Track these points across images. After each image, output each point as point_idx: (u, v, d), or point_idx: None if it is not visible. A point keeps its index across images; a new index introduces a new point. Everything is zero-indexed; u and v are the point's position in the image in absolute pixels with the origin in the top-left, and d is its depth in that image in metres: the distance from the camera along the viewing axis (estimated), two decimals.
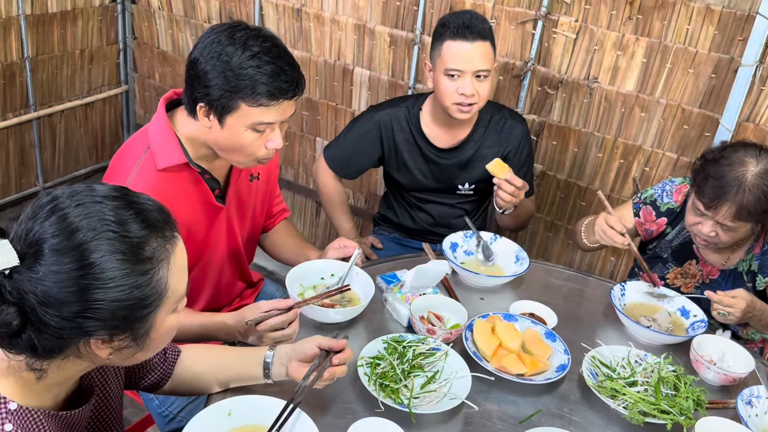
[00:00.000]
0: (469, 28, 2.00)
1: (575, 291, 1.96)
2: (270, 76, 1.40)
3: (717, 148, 1.79)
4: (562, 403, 1.50)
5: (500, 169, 2.02)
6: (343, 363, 1.31)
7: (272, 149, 1.51)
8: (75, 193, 0.92)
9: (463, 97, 2.03)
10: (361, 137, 2.25)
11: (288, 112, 1.48)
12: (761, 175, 1.67)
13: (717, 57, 2.25)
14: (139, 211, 0.94)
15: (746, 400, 1.49)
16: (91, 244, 0.88)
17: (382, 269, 1.86)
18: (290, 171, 3.42)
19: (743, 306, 1.66)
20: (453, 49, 2.01)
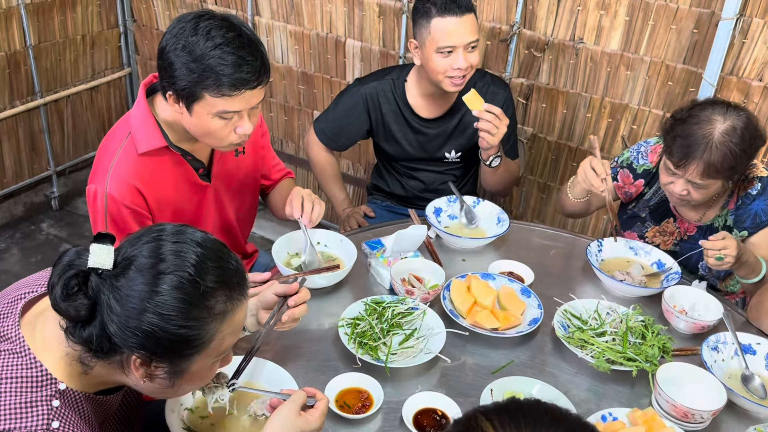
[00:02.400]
0: (455, 2, 2.02)
1: (557, 249, 2.03)
2: (232, 67, 1.43)
3: (685, 107, 1.80)
4: (535, 355, 1.58)
5: (476, 100, 2.05)
6: (299, 304, 1.39)
7: (242, 135, 1.57)
8: (179, 232, 1.04)
9: (458, 71, 2.07)
10: (349, 110, 2.31)
11: (254, 100, 1.52)
12: (728, 132, 1.69)
13: (698, 12, 2.26)
14: (221, 266, 1.04)
15: (712, 345, 1.56)
16: (166, 276, 0.99)
17: (368, 236, 1.95)
18: (291, 145, 3.50)
19: (734, 245, 1.68)
20: (443, 26, 2.03)
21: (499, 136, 2.05)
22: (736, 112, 1.71)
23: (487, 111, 2.02)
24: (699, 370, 1.45)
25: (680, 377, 1.43)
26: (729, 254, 1.69)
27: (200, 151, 1.72)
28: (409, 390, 1.43)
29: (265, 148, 1.98)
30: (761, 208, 1.85)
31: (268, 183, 2.04)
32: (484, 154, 2.14)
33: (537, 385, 1.44)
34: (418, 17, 2.10)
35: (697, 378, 1.43)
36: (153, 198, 1.64)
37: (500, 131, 2.04)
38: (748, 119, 1.71)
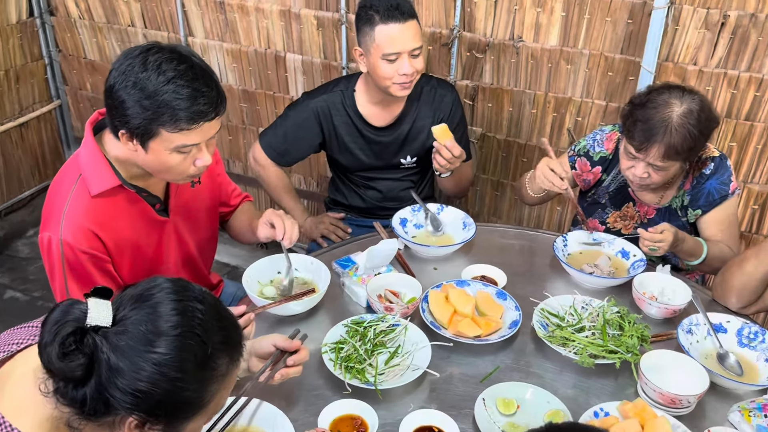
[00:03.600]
0: (398, 9, 2.03)
1: (522, 248, 2.06)
2: (188, 101, 1.39)
3: (643, 93, 1.87)
4: (519, 357, 1.60)
5: (444, 135, 2.08)
6: (297, 364, 1.36)
7: (201, 167, 1.52)
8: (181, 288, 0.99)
9: (404, 77, 2.07)
10: (299, 125, 2.28)
11: (212, 131, 1.48)
12: (685, 114, 1.76)
13: (631, 2, 2.34)
14: (224, 325, 1.00)
15: (686, 329, 1.61)
16: (174, 338, 0.94)
17: (336, 254, 1.92)
18: (238, 164, 3.42)
19: (670, 239, 1.77)
20: (387, 33, 2.03)
21: (452, 168, 2.12)
22: (691, 96, 1.78)
23: (448, 149, 2.05)
24: (679, 355, 1.49)
25: (662, 364, 1.47)
26: (662, 247, 1.78)
27: (155, 186, 1.66)
28: (402, 410, 1.42)
29: (221, 175, 1.93)
30: (714, 187, 1.93)
31: (227, 210, 1.98)
32: (437, 168, 2.16)
33: (529, 389, 1.45)
34: (361, 25, 2.09)
35: (678, 363, 1.47)
36: (111, 240, 1.57)
37: (453, 166, 2.11)
38: (702, 102, 1.79)
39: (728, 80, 2.31)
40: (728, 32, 2.24)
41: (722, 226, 1.95)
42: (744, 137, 2.37)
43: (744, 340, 1.60)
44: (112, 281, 1.60)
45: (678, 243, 1.81)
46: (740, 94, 2.32)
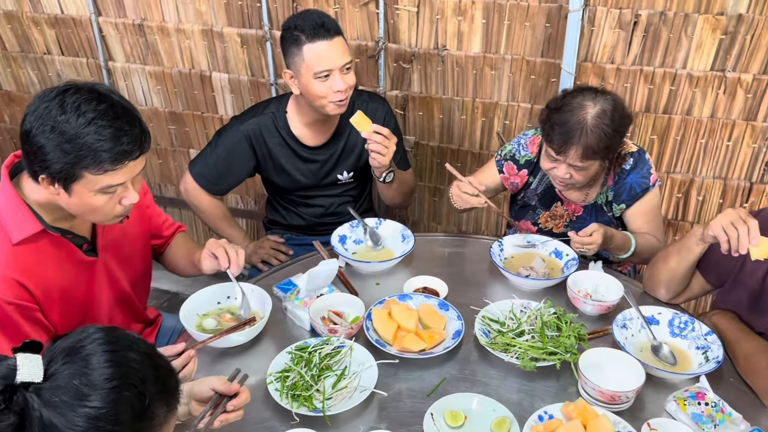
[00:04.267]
0: (324, 27, 2.01)
1: (460, 255, 2.09)
2: (111, 141, 1.35)
3: (558, 97, 1.93)
4: (464, 367, 1.62)
5: (364, 121, 2.06)
6: (238, 408, 1.33)
7: (128, 205, 1.48)
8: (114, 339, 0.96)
9: (339, 93, 2.06)
10: (231, 152, 2.24)
11: (137, 168, 1.44)
12: (599, 115, 1.82)
13: (547, 7, 2.41)
14: (160, 373, 0.98)
15: (621, 324, 1.66)
16: (108, 390, 0.91)
17: (277, 278, 1.90)
18: (170, 188, 3.34)
19: (600, 240, 1.83)
20: (315, 52, 2.01)
21: (389, 155, 2.07)
22: (604, 96, 1.85)
23: (376, 132, 2.03)
24: (615, 351, 1.55)
25: (600, 361, 1.51)
26: (593, 248, 1.84)
27: (80, 227, 1.60)
28: None
29: (151, 206, 1.88)
30: (635, 181, 2.01)
31: (160, 242, 1.94)
32: (377, 171, 2.15)
33: (474, 398, 1.47)
34: (288, 46, 2.07)
35: (614, 359, 1.52)
36: (37, 288, 1.50)
37: (390, 150, 2.06)
38: (615, 101, 1.85)
39: (644, 76, 2.41)
40: (641, 30, 2.34)
41: (647, 217, 2.04)
42: (663, 130, 2.48)
43: (676, 330, 1.67)
44: (42, 329, 1.54)
45: (608, 241, 1.88)
46: (656, 88, 2.42)
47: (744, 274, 1.68)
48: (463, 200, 1.95)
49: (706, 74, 2.34)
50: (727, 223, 1.51)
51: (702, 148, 2.47)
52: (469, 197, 1.94)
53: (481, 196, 1.94)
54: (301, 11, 2.12)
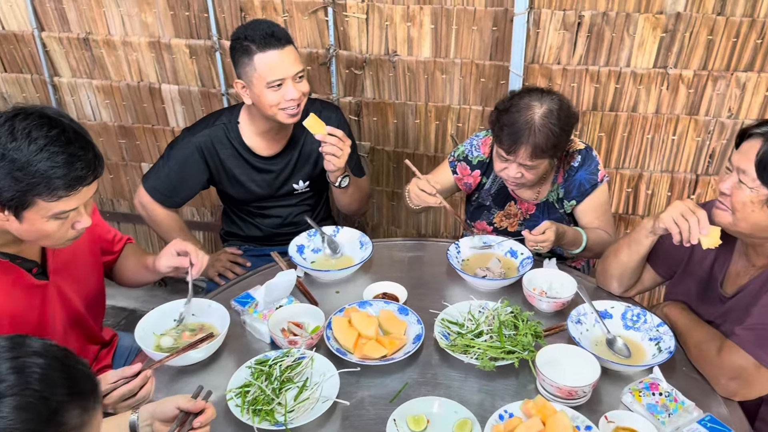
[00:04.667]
0: (274, 36, 2.00)
1: (419, 259, 2.10)
2: (64, 167, 1.33)
3: (506, 98, 1.96)
4: (425, 370, 1.63)
5: (317, 124, 2.06)
6: (204, 425, 1.32)
7: (81, 229, 1.45)
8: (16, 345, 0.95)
9: (291, 102, 2.05)
10: (184, 164, 2.21)
11: (90, 192, 1.42)
12: (546, 115, 1.86)
13: (494, 11, 2.44)
14: (69, 375, 0.96)
15: (575, 319, 1.70)
16: (7, 399, 0.89)
17: (235, 291, 1.88)
18: (123, 203, 3.28)
19: (552, 237, 1.88)
20: (267, 61, 2.00)
21: (344, 157, 2.07)
22: (550, 96, 1.89)
23: (330, 134, 2.03)
24: (571, 346, 1.58)
25: (556, 358, 1.54)
26: (546, 246, 1.89)
27: (29, 250, 1.56)
28: None
29: (99, 225, 1.84)
30: (584, 178, 2.05)
31: (111, 257, 1.90)
32: (332, 176, 2.15)
33: (436, 402, 1.48)
34: (238, 56, 2.05)
35: (571, 354, 1.55)
36: None
37: (345, 152, 2.06)
38: (561, 101, 1.90)
39: (590, 76, 2.47)
40: (585, 31, 2.39)
41: (597, 213, 2.09)
42: (610, 127, 2.55)
43: (629, 322, 1.71)
44: None
45: (560, 238, 1.92)
46: (602, 87, 2.48)
47: (692, 265, 1.73)
48: (421, 199, 1.97)
49: (649, 72, 2.41)
50: (678, 215, 1.56)
51: (648, 143, 2.54)
52: (427, 196, 1.95)
53: (437, 196, 1.96)
54: (250, 21, 2.11)
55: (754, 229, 1.47)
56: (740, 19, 2.25)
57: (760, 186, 1.42)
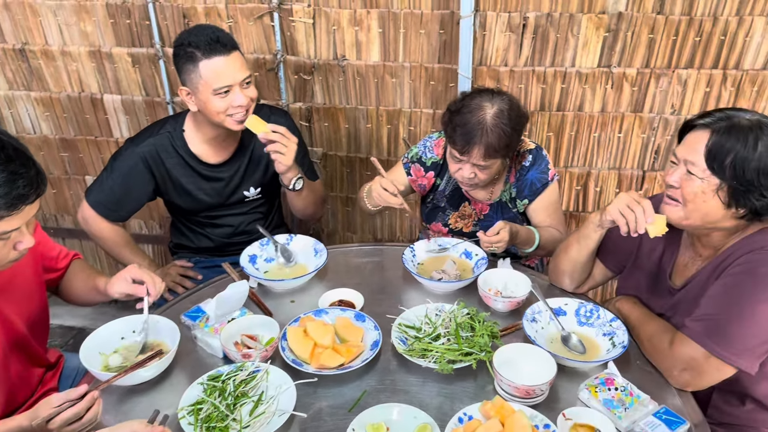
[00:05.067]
0: (219, 42, 1.96)
1: (375, 264, 2.08)
2: (5, 186, 1.28)
3: (458, 100, 1.97)
4: (384, 377, 1.61)
5: (258, 123, 2.02)
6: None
7: (23, 250, 1.39)
8: None
9: (239, 108, 2.00)
10: (128, 176, 2.14)
11: (33, 211, 1.37)
12: (497, 115, 1.88)
13: (440, 14, 2.45)
14: None
15: (530, 318, 1.71)
16: None
17: (185, 306, 1.83)
18: (68, 218, 3.17)
19: (506, 237, 1.89)
20: (213, 68, 1.95)
21: (290, 154, 2.02)
22: (500, 97, 1.91)
23: (273, 131, 1.99)
24: (527, 345, 1.58)
25: (513, 357, 1.54)
26: (501, 246, 1.90)
27: None
28: None
29: (42, 242, 1.76)
30: (535, 177, 2.08)
31: (56, 275, 1.82)
32: (285, 179, 2.11)
33: (395, 408, 1.46)
34: (183, 63, 2.00)
35: (527, 353, 1.56)
36: None
37: (290, 149, 2.01)
38: (511, 101, 1.92)
39: (537, 76, 2.50)
40: (530, 33, 2.42)
41: (548, 211, 2.11)
42: (558, 126, 2.58)
43: (582, 318, 1.73)
44: None
45: (514, 237, 1.93)
46: (549, 87, 2.52)
47: (641, 258, 1.76)
48: (383, 198, 1.95)
49: (593, 71, 2.46)
50: (623, 206, 1.58)
51: (596, 141, 2.59)
52: (389, 196, 1.94)
53: (398, 197, 1.95)
54: (194, 26, 2.06)
55: (706, 219, 1.50)
56: (679, 17, 2.32)
57: (711, 176, 1.46)
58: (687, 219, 1.52)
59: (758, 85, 2.40)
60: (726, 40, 2.34)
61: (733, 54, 2.37)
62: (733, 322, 1.43)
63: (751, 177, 1.41)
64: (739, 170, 1.42)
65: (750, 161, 1.41)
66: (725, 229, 1.53)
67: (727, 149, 1.43)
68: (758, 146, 1.41)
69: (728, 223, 1.50)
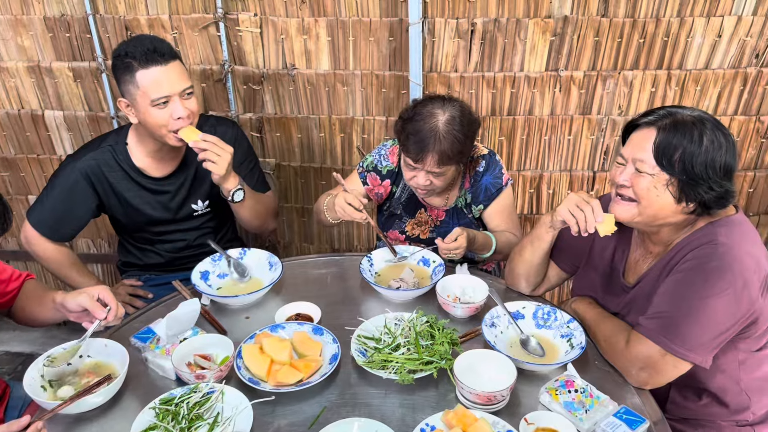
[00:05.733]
0: (157, 52, 1.90)
1: (333, 275, 2.05)
2: None
3: (409, 107, 1.96)
4: (344, 391, 1.57)
5: (191, 132, 1.97)
6: None
7: None
8: None
9: (179, 121, 1.94)
10: (69, 193, 2.06)
11: None
12: (449, 122, 1.87)
13: (389, 21, 2.44)
14: None
15: (489, 323, 1.70)
16: None
17: (134, 327, 1.76)
18: (11, 240, 3.03)
19: (464, 243, 1.88)
20: (150, 78, 1.89)
21: (222, 163, 1.95)
22: (451, 103, 1.91)
23: (204, 140, 1.94)
24: (487, 351, 1.57)
25: (474, 363, 1.53)
26: (459, 253, 1.90)
27: None
28: None
29: None
30: (489, 182, 2.08)
31: (7, 298, 1.74)
32: (224, 190, 2.06)
33: (356, 423, 1.43)
34: (120, 74, 1.94)
35: (487, 359, 1.55)
36: None
37: (223, 158, 1.95)
38: (462, 107, 1.92)
39: (487, 82, 2.51)
40: (478, 38, 2.44)
41: (503, 215, 2.12)
42: (510, 131, 2.60)
43: (540, 321, 1.73)
44: None
45: (471, 243, 1.93)
46: (499, 92, 2.53)
47: (594, 258, 1.78)
48: (347, 213, 1.92)
49: (542, 75, 2.48)
50: (573, 206, 1.60)
51: (546, 144, 2.62)
52: (353, 211, 1.91)
53: (363, 212, 1.92)
54: (132, 37, 2.01)
55: (659, 215, 1.52)
56: (623, 20, 2.36)
57: (660, 171, 1.48)
58: (640, 216, 1.54)
59: (701, 84, 2.47)
60: (669, 41, 2.40)
61: (676, 54, 2.43)
62: (686, 318, 1.46)
63: (699, 171, 1.44)
64: (687, 165, 1.45)
65: (697, 155, 1.44)
66: (675, 225, 1.55)
67: (674, 145, 1.45)
68: (703, 140, 1.45)
69: (678, 218, 1.53)
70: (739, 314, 1.45)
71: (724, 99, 2.50)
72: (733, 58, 2.43)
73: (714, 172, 1.45)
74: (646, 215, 1.53)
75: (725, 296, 1.42)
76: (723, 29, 2.36)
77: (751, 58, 2.43)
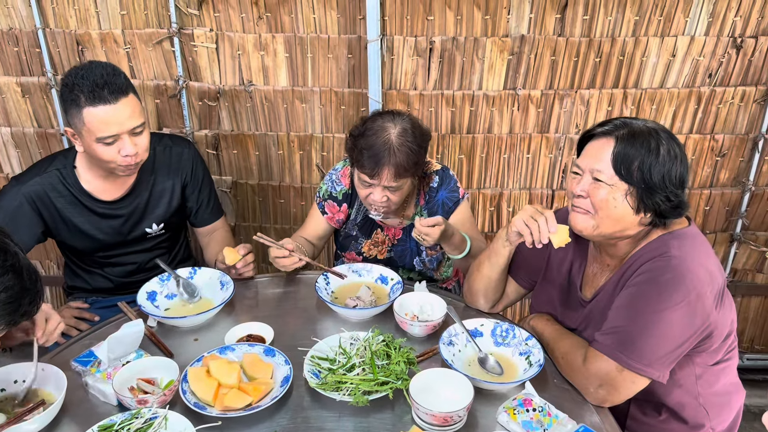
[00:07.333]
0: (106, 88, 1.78)
1: (288, 294, 1.99)
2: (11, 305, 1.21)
3: (359, 124, 1.94)
4: (296, 414, 1.51)
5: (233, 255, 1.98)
6: None
7: None
8: None
9: (127, 158, 1.86)
10: (13, 217, 1.94)
11: None
12: (402, 134, 1.85)
13: (347, 38, 2.43)
14: None
15: (447, 341, 1.66)
16: None
17: (76, 350, 1.67)
18: None
19: (437, 235, 1.84)
20: (98, 117, 1.79)
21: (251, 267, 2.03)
22: (401, 117, 1.90)
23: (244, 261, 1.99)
24: (444, 370, 1.53)
25: (431, 383, 1.49)
26: (428, 239, 1.86)
27: None
28: None
29: None
30: (446, 197, 2.06)
31: None
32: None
33: None
34: (67, 105, 1.83)
35: (444, 378, 1.50)
36: None
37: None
38: (412, 120, 1.91)
39: (446, 100, 2.50)
40: (437, 56, 2.43)
41: (465, 227, 2.09)
42: (469, 149, 2.59)
43: (499, 339, 1.70)
44: None
45: (447, 237, 1.90)
46: (458, 110, 2.53)
47: (551, 272, 1.76)
48: (283, 265, 1.93)
49: (500, 93, 2.49)
50: (527, 217, 1.59)
51: (506, 162, 2.61)
52: (285, 261, 1.91)
53: (294, 256, 1.91)
54: (85, 64, 1.86)
55: (616, 226, 1.51)
56: (579, 39, 2.39)
57: (619, 181, 1.47)
58: (597, 228, 1.52)
59: (656, 103, 2.50)
60: (624, 60, 2.43)
61: (631, 74, 2.46)
62: (642, 333, 1.44)
63: (657, 180, 1.44)
64: (646, 174, 1.45)
65: (655, 165, 1.44)
66: (631, 237, 1.55)
67: (633, 155, 1.45)
68: (660, 150, 1.45)
69: (635, 230, 1.52)
70: (695, 326, 1.44)
71: (680, 118, 2.54)
72: (687, 77, 2.47)
73: (670, 181, 1.45)
74: (603, 226, 1.51)
75: (680, 309, 1.41)
76: (677, 49, 2.41)
77: (704, 78, 2.48)
